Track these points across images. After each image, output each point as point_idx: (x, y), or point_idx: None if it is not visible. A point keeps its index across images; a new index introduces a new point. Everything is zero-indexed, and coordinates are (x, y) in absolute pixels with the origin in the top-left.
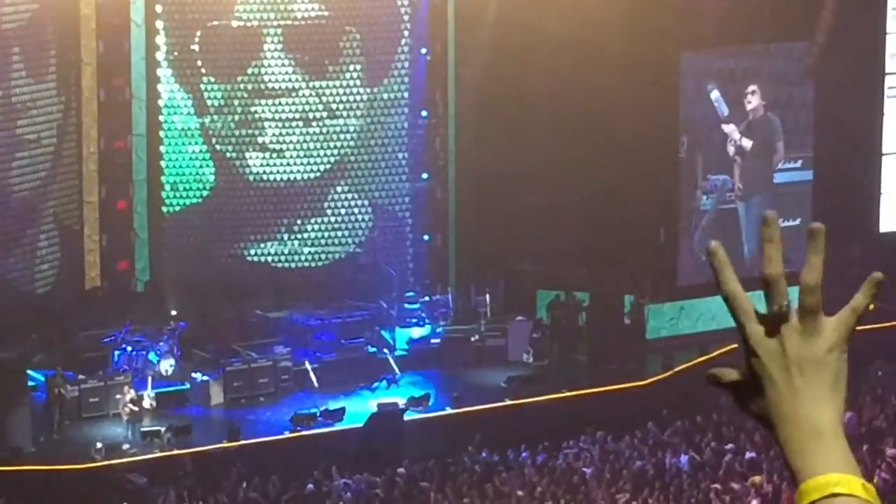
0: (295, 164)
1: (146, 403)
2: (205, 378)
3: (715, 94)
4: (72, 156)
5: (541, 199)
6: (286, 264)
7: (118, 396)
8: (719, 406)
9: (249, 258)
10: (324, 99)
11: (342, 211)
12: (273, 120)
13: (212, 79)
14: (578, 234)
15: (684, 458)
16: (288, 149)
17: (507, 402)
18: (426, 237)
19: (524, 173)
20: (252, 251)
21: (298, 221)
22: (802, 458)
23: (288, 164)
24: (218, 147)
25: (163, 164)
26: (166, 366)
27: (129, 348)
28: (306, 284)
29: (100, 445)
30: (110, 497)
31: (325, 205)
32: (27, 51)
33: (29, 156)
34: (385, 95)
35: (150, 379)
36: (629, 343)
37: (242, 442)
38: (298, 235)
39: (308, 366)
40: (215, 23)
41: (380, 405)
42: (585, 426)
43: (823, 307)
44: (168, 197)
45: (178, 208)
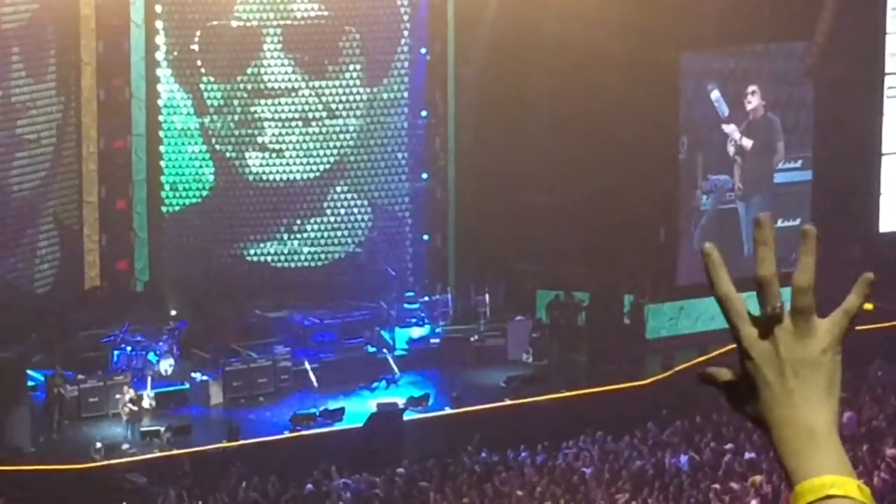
0: (294, 163)
1: (146, 403)
2: (204, 378)
3: (715, 94)
4: (71, 156)
5: (541, 199)
6: (286, 264)
7: (118, 396)
8: (719, 406)
9: (249, 258)
10: (323, 99)
11: (342, 211)
12: (273, 120)
13: (211, 79)
14: (578, 234)
15: (684, 458)
16: (287, 149)
17: (507, 402)
18: (426, 237)
19: (524, 173)
20: (252, 251)
21: (298, 221)
22: (797, 460)
23: (287, 164)
24: (217, 147)
25: (162, 163)
26: (166, 366)
27: (128, 348)
28: (306, 284)
29: (99, 445)
30: (110, 497)
31: (325, 205)
32: (27, 51)
33: (29, 156)
34: (385, 95)
35: (149, 379)
36: (629, 343)
37: (242, 442)
38: (298, 235)
39: (307, 366)
40: (215, 23)
41: (379, 405)
42: (585, 426)
43: (818, 308)
44: (168, 197)
45: (177, 208)
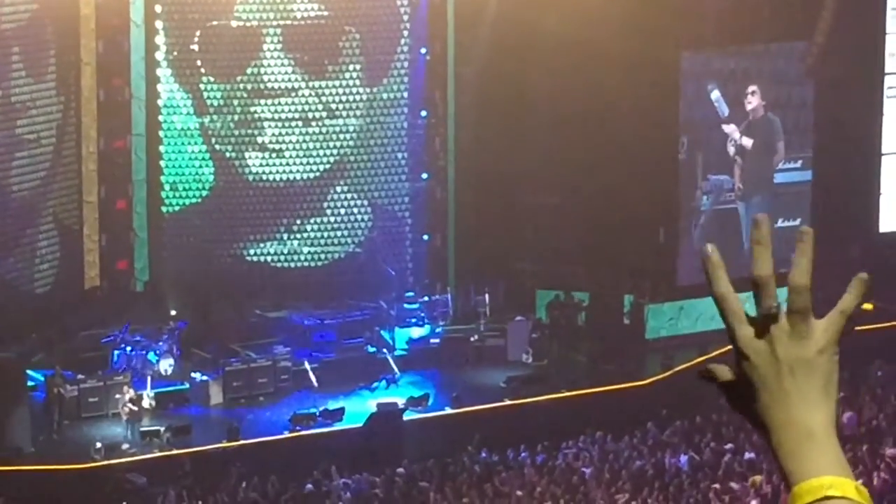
0: (294, 163)
1: (145, 403)
2: (204, 378)
3: (715, 94)
4: (71, 155)
5: (541, 199)
6: (286, 264)
7: (117, 396)
8: (719, 406)
9: (249, 258)
10: (323, 99)
11: (342, 211)
12: (272, 120)
13: (211, 79)
14: (578, 234)
15: (684, 458)
16: (287, 149)
17: (507, 402)
18: (426, 237)
19: (524, 173)
20: (252, 251)
21: (298, 221)
22: (795, 461)
23: (287, 164)
24: (217, 147)
25: (162, 163)
26: (165, 365)
27: (128, 348)
28: (306, 284)
29: (99, 445)
30: (110, 497)
31: (325, 205)
32: (27, 51)
33: (28, 156)
34: (384, 95)
35: (149, 379)
36: (629, 343)
37: (242, 442)
38: (298, 235)
39: (307, 366)
40: (215, 23)
41: (379, 405)
42: (585, 426)
43: (818, 308)
44: (167, 197)
45: (177, 208)
